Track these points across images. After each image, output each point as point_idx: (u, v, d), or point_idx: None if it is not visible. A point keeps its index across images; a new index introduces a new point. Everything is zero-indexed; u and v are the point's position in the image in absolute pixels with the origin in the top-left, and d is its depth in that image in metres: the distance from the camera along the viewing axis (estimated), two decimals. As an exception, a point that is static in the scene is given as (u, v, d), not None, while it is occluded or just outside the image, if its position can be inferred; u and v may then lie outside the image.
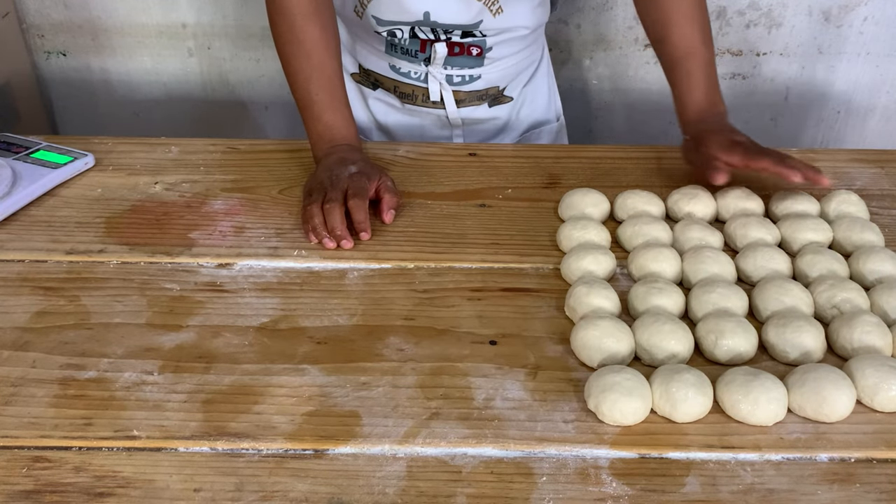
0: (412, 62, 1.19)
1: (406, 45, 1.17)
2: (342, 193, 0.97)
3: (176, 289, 0.89)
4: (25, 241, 0.96)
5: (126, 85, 1.72)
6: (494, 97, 1.25)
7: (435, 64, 1.18)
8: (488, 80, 1.22)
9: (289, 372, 0.79)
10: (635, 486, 0.68)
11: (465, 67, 1.19)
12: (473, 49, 1.16)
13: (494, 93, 1.24)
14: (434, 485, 0.68)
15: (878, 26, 1.62)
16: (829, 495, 0.68)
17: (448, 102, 1.22)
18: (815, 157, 1.13)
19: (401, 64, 1.20)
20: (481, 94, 1.24)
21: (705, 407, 0.74)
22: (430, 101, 1.23)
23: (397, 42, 1.17)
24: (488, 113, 1.26)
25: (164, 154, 1.12)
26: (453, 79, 1.20)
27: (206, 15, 1.62)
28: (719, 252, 0.91)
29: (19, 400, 0.75)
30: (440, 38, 1.15)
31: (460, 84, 1.21)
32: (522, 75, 1.27)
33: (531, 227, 0.99)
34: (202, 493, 0.67)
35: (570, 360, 0.81)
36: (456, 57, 1.17)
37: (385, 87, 1.24)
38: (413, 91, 1.22)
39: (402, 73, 1.21)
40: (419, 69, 1.20)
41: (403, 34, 1.15)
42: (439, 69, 1.19)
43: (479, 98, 1.24)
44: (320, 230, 0.94)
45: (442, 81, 1.20)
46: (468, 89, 1.22)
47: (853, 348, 0.80)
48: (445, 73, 1.19)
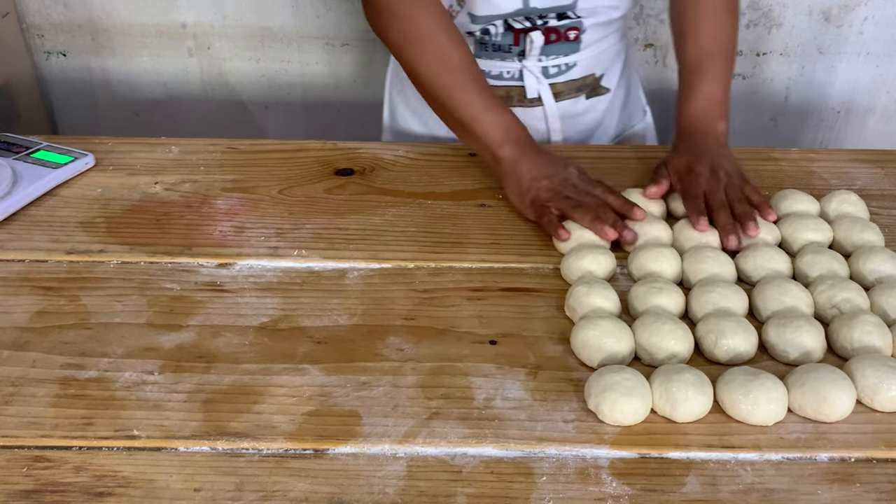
0: (505, 59, 1.15)
1: (499, 41, 1.13)
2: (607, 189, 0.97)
3: (176, 289, 0.89)
4: (25, 241, 0.96)
5: (126, 85, 1.72)
6: (592, 87, 1.21)
7: (530, 56, 1.14)
8: (584, 68, 1.18)
9: (289, 372, 0.79)
10: (635, 486, 0.68)
11: (561, 55, 1.15)
12: (571, 33, 1.13)
13: (592, 82, 1.21)
14: (434, 485, 0.68)
15: (878, 26, 1.62)
16: (829, 495, 0.68)
17: (546, 97, 1.18)
18: (815, 157, 1.13)
19: (492, 66, 1.16)
20: (579, 85, 1.19)
21: (705, 407, 0.74)
22: (528, 100, 1.18)
23: (489, 40, 1.13)
24: (586, 106, 1.22)
25: (164, 154, 1.12)
26: (549, 70, 1.16)
27: (206, 15, 1.62)
28: (719, 252, 0.91)
29: (19, 400, 0.75)
30: (536, 26, 1.11)
31: (557, 75, 1.17)
32: (616, 63, 1.23)
33: (531, 227, 0.99)
34: (202, 493, 0.67)
35: (570, 360, 0.81)
36: (552, 45, 1.13)
37: None
38: (508, 92, 1.18)
39: (494, 77, 1.17)
40: (512, 66, 1.16)
41: (497, 28, 1.11)
42: (534, 62, 1.15)
43: (576, 89, 1.20)
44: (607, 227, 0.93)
45: (538, 75, 1.16)
46: (565, 79, 1.18)
47: (853, 348, 0.80)
48: (541, 64, 1.15)
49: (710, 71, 1.06)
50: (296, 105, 1.75)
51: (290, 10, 1.62)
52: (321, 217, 1.01)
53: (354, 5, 1.61)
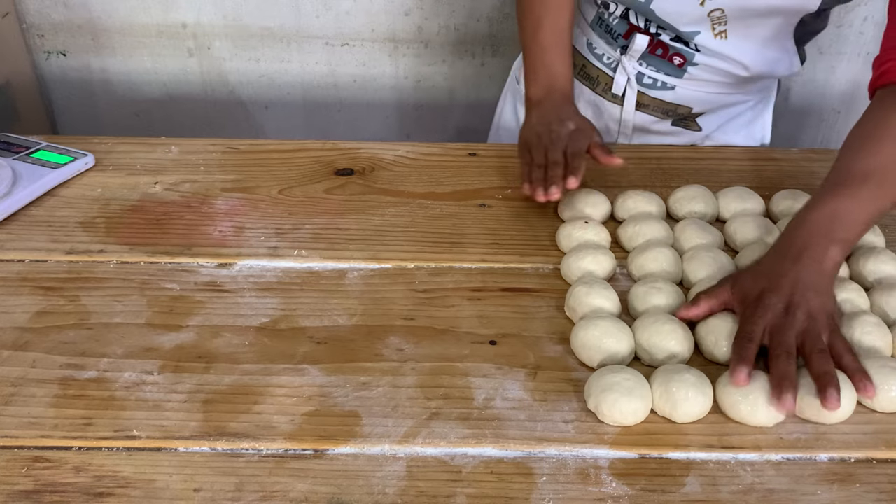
0: (610, 44, 1.12)
1: (613, 25, 1.10)
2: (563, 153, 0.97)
3: (176, 289, 0.89)
4: (25, 241, 0.96)
5: (126, 85, 1.72)
6: (682, 118, 1.15)
7: (630, 55, 1.10)
8: (681, 97, 1.12)
9: (289, 372, 0.79)
10: (635, 486, 0.68)
11: (661, 72, 1.11)
12: (676, 58, 1.08)
13: (684, 113, 1.15)
14: (434, 485, 0.68)
15: (879, 26, 1.62)
16: (829, 495, 0.68)
17: (628, 100, 1.14)
18: (815, 157, 1.13)
19: (598, 43, 1.13)
20: (668, 108, 1.14)
21: (705, 407, 0.74)
22: (611, 94, 1.15)
23: (606, 18, 1.11)
24: (667, 129, 1.16)
25: (164, 154, 1.12)
26: (644, 79, 1.12)
27: (206, 15, 1.62)
28: (719, 252, 0.91)
29: (19, 400, 0.75)
30: (648, 31, 1.08)
31: (649, 88, 1.13)
32: (722, 113, 1.16)
33: (531, 227, 0.99)
34: (202, 493, 0.67)
35: (570, 360, 0.81)
36: (654, 57, 1.10)
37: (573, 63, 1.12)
38: (599, 76, 1.15)
39: (596, 54, 1.14)
40: (613, 55, 1.13)
41: (616, 9, 1.09)
42: (633, 63, 1.11)
43: (664, 112, 1.15)
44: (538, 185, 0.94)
45: (631, 77, 1.12)
46: (656, 96, 1.13)
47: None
48: (638, 69, 1.12)
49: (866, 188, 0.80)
50: (296, 105, 1.75)
51: (290, 10, 1.62)
52: (321, 217, 1.01)
53: (354, 5, 1.61)
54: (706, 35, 1.03)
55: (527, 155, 1.00)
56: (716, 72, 1.08)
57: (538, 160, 0.97)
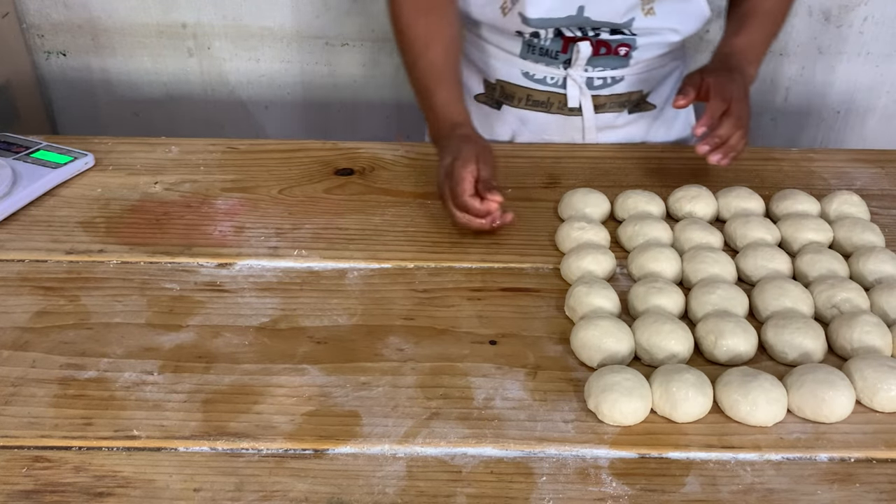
0: (550, 64, 1.13)
1: (547, 46, 1.11)
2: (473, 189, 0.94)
3: (176, 289, 0.89)
4: (25, 241, 0.96)
5: (126, 85, 1.72)
6: (636, 103, 1.18)
7: (576, 65, 1.11)
8: (631, 83, 1.15)
9: (289, 372, 0.79)
10: (635, 486, 0.68)
11: (608, 68, 1.13)
12: (622, 49, 1.10)
13: (637, 98, 1.18)
14: (434, 485, 0.68)
15: (878, 26, 1.62)
16: (829, 495, 0.68)
17: (586, 108, 1.15)
18: (815, 157, 1.13)
19: (536, 69, 1.14)
20: (623, 100, 1.17)
21: (705, 407, 0.74)
22: (568, 109, 1.16)
23: (537, 43, 1.11)
24: (628, 119, 1.19)
25: (164, 154, 1.12)
26: (594, 82, 1.14)
27: (206, 15, 1.62)
28: (719, 252, 0.91)
29: (19, 400, 0.75)
30: (587, 36, 1.09)
31: (601, 87, 1.14)
32: (667, 82, 1.20)
33: (531, 227, 0.99)
34: (202, 493, 0.67)
35: (569, 360, 0.81)
36: (600, 57, 1.11)
37: (513, 99, 1.17)
38: (548, 98, 1.16)
39: (537, 80, 1.15)
40: (557, 73, 1.13)
41: (547, 33, 1.09)
42: (580, 71, 1.12)
43: (619, 104, 1.17)
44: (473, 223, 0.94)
45: (582, 85, 1.13)
46: (609, 92, 1.15)
47: (853, 348, 0.80)
48: (586, 75, 1.13)
49: (759, 22, 1.09)
50: (296, 105, 1.75)
51: (290, 10, 1.62)
52: (321, 217, 1.01)
53: (354, 5, 1.61)
54: (639, 18, 1.08)
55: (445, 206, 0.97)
56: (655, 47, 1.13)
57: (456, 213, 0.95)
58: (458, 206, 0.94)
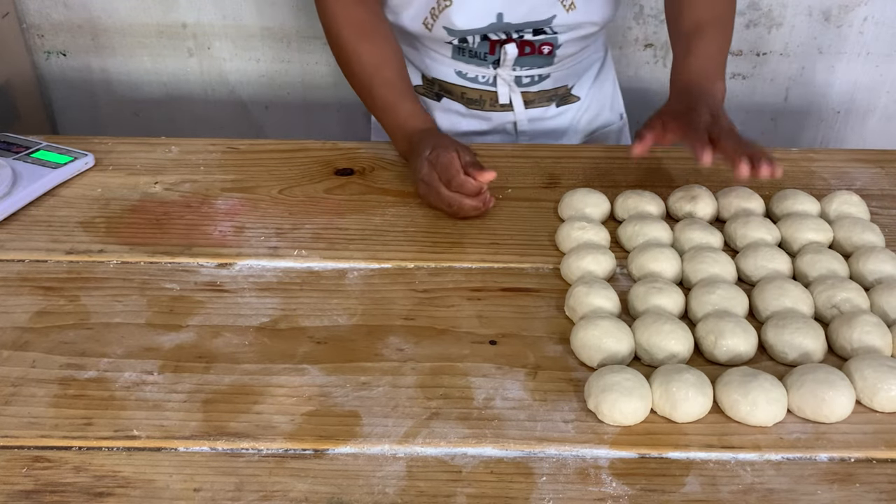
0: (480, 65, 1.18)
1: (475, 49, 1.15)
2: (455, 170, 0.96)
3: (176, 289, 0.89)
4: (25, 241, 0.96)
5: (126, 85, 1.72)
6: (563, 97, 1.25)
7: (504, 65, 1.17)
8: (557, 79, 1.22)
9: (289, 372, 0.79)
10: (635, 486, 0.68)
11: (535, 67, 1.18)
12: (545, 48, 1.15)
13: (563, 92, 1.24)
14: (434, 485, 0.68)
15: (878, 26, 1.62)
16: (829, 495, 0.68)
17: (516, 104, 1.22)
18: (815, 157, 1.13)
19: (468, 69, 1.19)
20: (550, 95, 1.23)
21: (705, 407, 0.74)
22: (499, 105, 1.22)
23: (466, 47, 1.16)
24: (556, 112, 1.26)
25: (164, 154, 1.12)
26: (522, 80, 1.19)
27: (206, 15, 1.62)
28: (719, 252, 0.91)
29: (19, 400, 0.75)
30: (511, 38, 1.14)
31: (529, 85, 1.20)
32: (589, 73, 1.27)
33: (531, 227, 0.99)
34: (202, 493, 0.67)
35: (570, 360, 0.81)
36: (526, 57, 1.16)
37: (451, 95, 1.23)
38: (481, 96, 1.21)
39: (469, 79, 1.20)
40: (487, 72, 1.19)
41: (474, 38, 1.14)
42: (508, 70, 1.18)
43: (547, 99, 1.24)
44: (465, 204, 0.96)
45: (511, 83, 1.19)
46: (537, 89, 1.21)
47: (853, 348, 0.80)
48: (514, 74, 1.18)
49: (709, 34, 1.04)
50: (296, 105, 1.75)
51: (290, 10, 1.62)
52: (321, 217, 1.01)
53: (354, 5, 1.61)
54: (560, 15, 1.11)
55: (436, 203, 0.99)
56: (577, 42, 1.17)
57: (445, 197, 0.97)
58: (451, 187, 0.96)
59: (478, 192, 0.96)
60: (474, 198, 0.96)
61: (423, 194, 1.00)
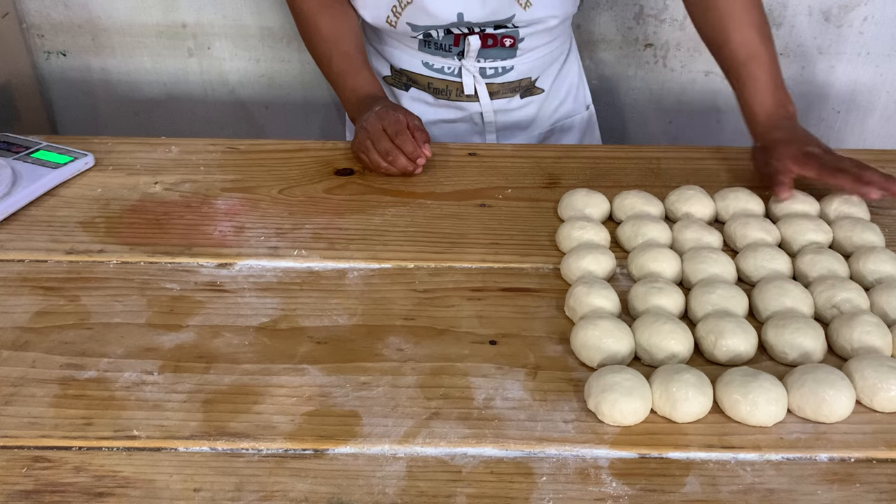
0: (446, 57, 1.22)
1: (440, 41, 1.19)
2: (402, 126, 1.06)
3: (176, 289, 0.89)
4: (25, 241, 0.96)
5: (126, 85, 1.72)
6: (527, 88, 1.28)
7: (468, 57, 1.20)
8: (521, 72, 1.25)
9: (289, 372, 0.79)
10: (635, 486, 0.68)
11: (498, 59, 1.22)
12: (507, 40, 1.19)
13: (527, 84, 1.27)
14: (434, 485, 0.68)
15: (878, 26, 1.62)
16: (829, 495, 0.68)
17: (482, 95, 1.25)
18: (815, 157, 1.13)
19: (434, 60, 1.23)
20: (514, 86, 1.26)
21: (705, 407, 0.74)
22: (465, 95, 1.25)
23: (431, 40, 1.20)
24: (520, 103, 1.29)
25: (164, 154, 1.12)
26: (486, 71, 1.23)
27: (206, 15, 1.62)
28: (719, 252, 0.91)
29: (19, 400, 0.75)
30: (474, 32, 1.17)
31: (493, 76, 1.24)
32: (553, 66, 1.30)
33: (531, 227, 0.99)
34: (202, 493, 0.67)
35: (570, 360, 0.81)
36: (489, 49, 1.20)
37: (419, 84, 1.27)
38: (447, 86, 1.25)
39: (436, 70, 1.24)
40: (453, 63, 1.22)
41: (438, 32, 1.18)
42: (472, 62, 1.21)
43: (511, 90, 1.27)
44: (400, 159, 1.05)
45: (475, 74, 1.23)
46: (501, 81, 1.25)
47: (853, 348, 0.80)
48: (479, 65, 1.22)
49: (764, 58, 1.05)
50: (296, 105, 1.75)
51: (290, 10, 1.61)
52: (321, 217, 1.01)
53: (354, 5, 1.61)
54: (518, 13, 1.14)
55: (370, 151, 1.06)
56: (538, 36, 1.20)
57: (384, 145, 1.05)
58: (395, 140, 1.04)
59: (416, 156, 1.04)
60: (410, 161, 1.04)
61: (360, 142, 1.07)
